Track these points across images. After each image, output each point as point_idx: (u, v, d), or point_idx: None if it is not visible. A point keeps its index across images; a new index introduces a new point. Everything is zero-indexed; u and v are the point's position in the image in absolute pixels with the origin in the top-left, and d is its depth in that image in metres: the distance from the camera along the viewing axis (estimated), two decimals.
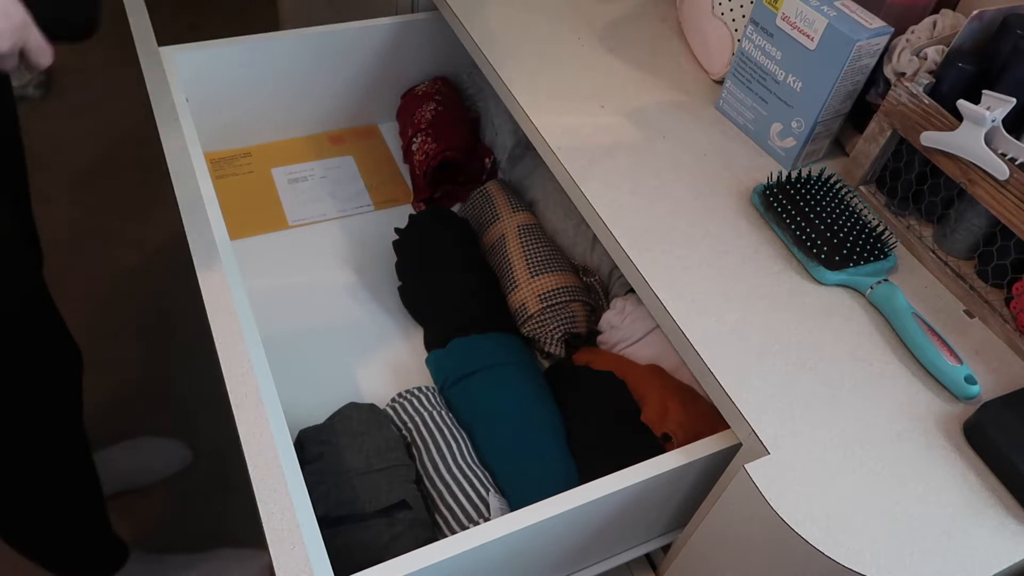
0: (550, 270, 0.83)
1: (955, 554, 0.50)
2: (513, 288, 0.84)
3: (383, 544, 0.62)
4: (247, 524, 1.33)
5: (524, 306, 0.82)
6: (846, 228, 0.65)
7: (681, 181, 0.72)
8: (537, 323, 0.81)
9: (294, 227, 0.95)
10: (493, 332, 0.80)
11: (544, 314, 0.81)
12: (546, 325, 0.81)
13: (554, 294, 0.81)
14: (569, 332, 0.81)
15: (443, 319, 0.82)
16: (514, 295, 0.84)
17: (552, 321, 0.81)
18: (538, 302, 0.81)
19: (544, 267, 0.84)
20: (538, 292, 0.82)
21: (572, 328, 0.81)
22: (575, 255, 0.89)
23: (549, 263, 0.84)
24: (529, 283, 0.83)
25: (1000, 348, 0.62)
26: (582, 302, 0.82)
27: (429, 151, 0.97)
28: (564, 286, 0.82)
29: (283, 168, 1.01)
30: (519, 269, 0.84)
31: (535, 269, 0.84)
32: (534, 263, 0.84)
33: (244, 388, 0.58)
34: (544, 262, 0.84)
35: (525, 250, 0.85)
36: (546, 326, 0.81)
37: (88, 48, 2.18)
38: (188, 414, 1.46)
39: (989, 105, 0.58)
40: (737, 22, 0.81)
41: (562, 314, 0.81)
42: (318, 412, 0.74)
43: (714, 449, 0.60)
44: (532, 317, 0.81)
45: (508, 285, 0.85)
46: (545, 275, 0.83)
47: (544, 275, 0.83)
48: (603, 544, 0.66)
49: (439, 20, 1.00)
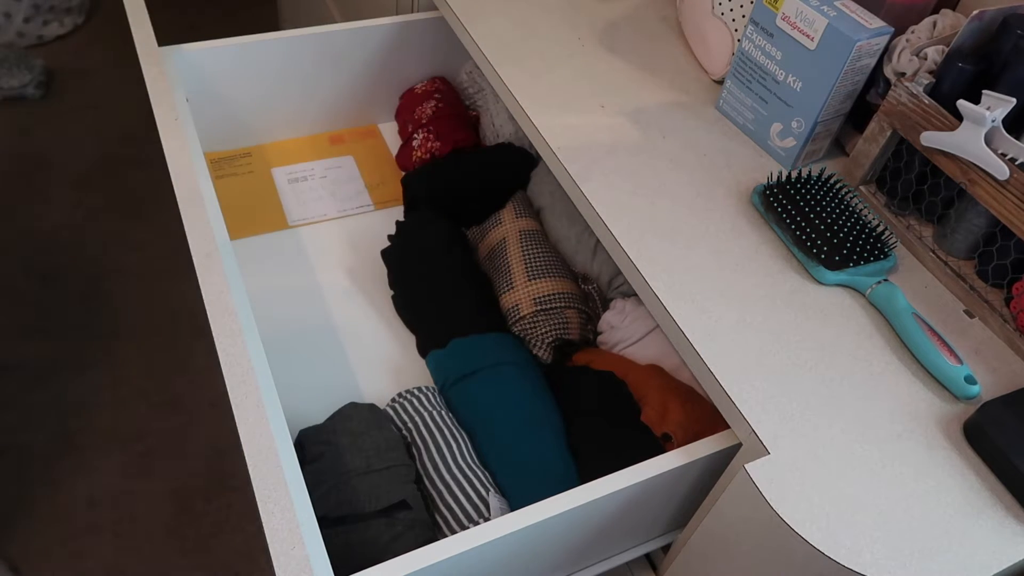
0: (548, 275, 0.83)
1: (955, 554, 0.50)
2: (509, 289, 0.84)
3: (383, 544, 0.62)
4: (247, 524, 1.33)
5: (517, 307, 0.82)
6: (846, 228, 0.65)
7: (681, 181, 0.72)
8: (528, 324, 0.81)
9: (294, 227, 0.95)
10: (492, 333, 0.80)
11: (536, 317, 0.81)
12: (537, 328, 0.80)
13: (550, 299, 0.81)
14: (560, 338, 0.81)
15: (432, 326, 0.82)
16: (508, 296, 0.83)
17: (544, 325, 0.80)
18: (532, 304, 0.81)
19: (543, 272, 0.84)
20: (533, 295, 0.82)
21: (564, 334, 0.80)
22: (576, 264, 0.89)
23: (548, 268, 0.84)
24: (525, 286, 0.83)
25: (1000, 348, 0.62)
26: (577, 309, 0.82)
27: (433, 148, 0.97)
28: (561, 292, 0.82)
29: (283, 168, 1.01)
30: (517, 272, 0.84)
31: (533, 273, 0.83)
32: (533, 267, 0.84)
33: (244, 388, 0.58)
34: (543, 267, 0.84)
35: (525, 254, 0.85)
36: (537, 329, 0.80)
37: (88, 48, 2.18)
38: (188, 414, 1.46)
39: (989, 105, 0.58)
40: (737, 22, 0.81)
41: (555, 319, 0.81)
42: (318, 412, 0.74)
43: (714, 449, 0.60)
44: (524, 318, 0.81)
45: (504, 286, 0.85)
46: (543, 280, 0.83)
47: (542, 280, 0.83)
48: (603, 544, 0.66)
49: (439, 20, 1.00)
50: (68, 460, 1.37)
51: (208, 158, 1.01)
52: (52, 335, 1.53)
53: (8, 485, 1.32)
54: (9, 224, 1.71)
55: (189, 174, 0.68)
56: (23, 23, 2.09)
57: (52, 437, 1.40)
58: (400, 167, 1.04)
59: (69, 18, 2.19)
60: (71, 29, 2.20)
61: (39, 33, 2.13)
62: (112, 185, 1.83)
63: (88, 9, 2.27)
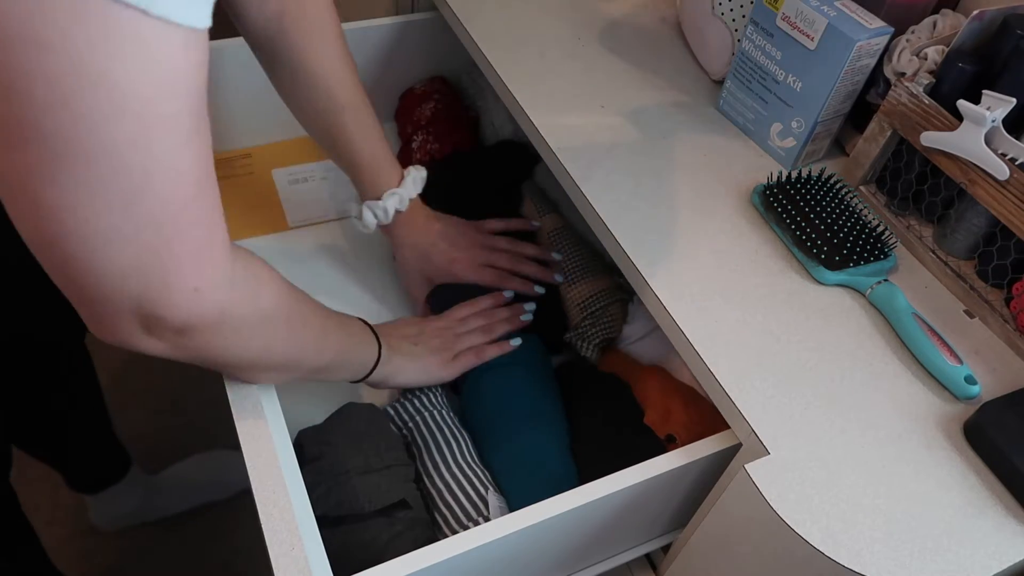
0: (585, 276, 0.83)
1: (955, 554, 0.50)
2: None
3: (383, 544, 0.62)
4: (247, 524, 1.33)
5: (568, 317, 0.82)
6: (846, 228, 0.65)
7: (681, 181, 0.72)
8: (579, 333, 0.80)
9: (294, 228, 0.95)
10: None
11: (585, 322, 0.80)
12: (586, 332, 0.80)
13: (593, 300, 0.80)
14: (606, 337, 0.80)
15: None
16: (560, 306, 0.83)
17: (592, 328, 0.79)
18: (579, 311, 0.80)
19: (580, 273, 0.83)
20: (577, 301, 0.81)
21: (610, 333, 0.79)
22: (606, 253, 0.87)
23: (584, 269, 0.83)
24: (568, 293, 0.82)
25: (1000, 348, 0.62)
26: (620, 301, 0.81)
27: (432, 150, 0.97)
28: (602, 290, 0.81)
29: (284, 169, 1.01)
30: None
31: (572, 276, 0.83)
32: (569, 270, 0.84)
33: (244, 388, 0.58)
34: (579, 268, 0.84)
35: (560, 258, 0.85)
36: (586, 332, 0.80)
37: None
38: (188, 414, 1.46)
39: (989, 105, 0.58)
40: (737, 22, 0.81)
41: (601, 320, 0.79)
42: (318, 412, 0.74)
43: (714, 449, 0.60)
44: (577, 327, 0.80)
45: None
46: (582, 282, 0.82)
47: (581, 282, 0.82)
48: (603, 544, 0.66)
49: (439, 20, 1.00)
50: None
51: None
52: None
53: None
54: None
55: None
56: None
57: None
58: None
59: None
60: None
61: None
62: None
63: None
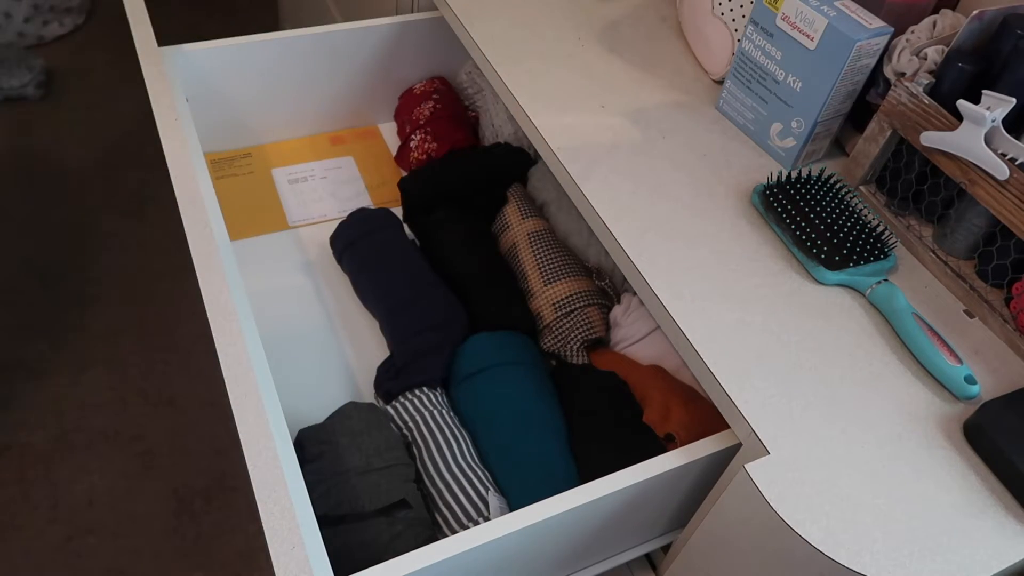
0: (563, 276, 0.83)
1: (955, 554, 0.50)
2: (529, 298, 0.84)
3: (383, 543, 0.62)
4: (247, 524, 1.33)
5: (539, 314, 0.82)
6: (846, 228, 0.65)
7: (681, 181, 0.72)
8: (556, 335, 0.81)
9: (294, 228, 0.95)
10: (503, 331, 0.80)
11: (560, 323, 0.80)
12: (564, 334, 0.80)
13: (569, 301, 0.81)
14: (587, 339, 0.80)
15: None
16: (529, 304, 0.84)
17: (570, 330, 0.80)
18: (553, 310, 0.81)
19: (557, 274, 0.83)
20: (552, 300, 0.81)
21: (590, 334, 0.80)
22: (589, 256, 0.88)
23: (562, 269, 0.84)
24: (543, 292, 0.82)
25: (1000, 348, 0.62)
26: (598, 305, 0.82)
27: (430, 149, 0.97)
28: (579, 291, 0.81)
29: (283, 169, 1.01)
30: (533, 278, 0.84)
31: (548, 276, 0.83)
32: (547, 270, 0.84)
33: (244, 388, 0.58)
34: (557, 269, 0.84)
35: (537, 258, 0.85)
36: (564, 335, 0.80)
37: (88, 48, 2.18)
38: (188, 414, 1.46)
39: (989, 105, 0.58)
40: (737, 22, 0.81)
41: (578, 321, 0.80)
42: (318, 412, 0.74)
43: (714, 449, 0.60)
44: (549, 326, 0.81)
45: (524, 294, 0.85)
46: (558, 282, 0.82)
47: (557, 282, 0.82)
48: (603, 544, 0.66)
49: (439, 20, 1.00)
50: (68, 460, 1.37)
51: (208, 159, 1.01)
52: (52, 335, 1.53)
53: (8, 485, 1.33)
54: (9, 224, 1.71)
55: (189, 174, 0.68)
56: (23, 23, 2.09)
57: (52, 437, 1.40)
58: (400, 168, 1.04)
59: (69, 18, 2.19)
60: (71, 29, 2.20)
61: (39, 33, 2.13)
62: (112, 185, 1.83)
63: (88, 9, 2.27)
